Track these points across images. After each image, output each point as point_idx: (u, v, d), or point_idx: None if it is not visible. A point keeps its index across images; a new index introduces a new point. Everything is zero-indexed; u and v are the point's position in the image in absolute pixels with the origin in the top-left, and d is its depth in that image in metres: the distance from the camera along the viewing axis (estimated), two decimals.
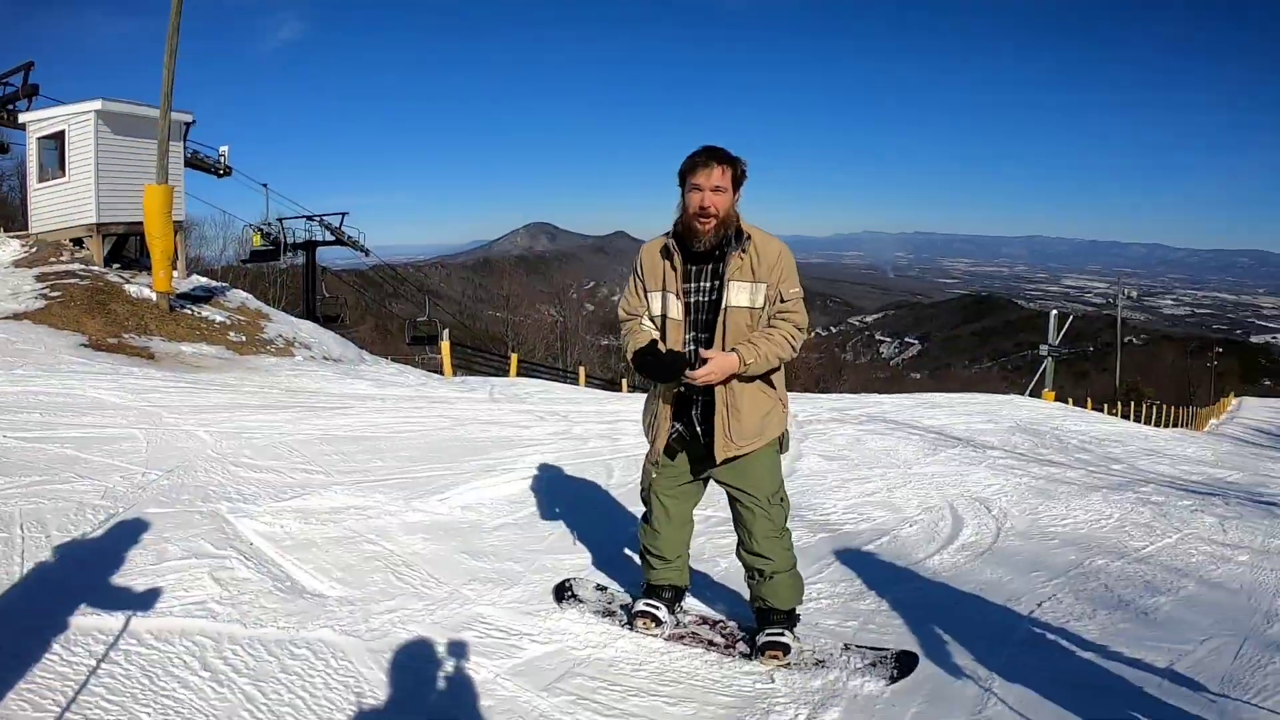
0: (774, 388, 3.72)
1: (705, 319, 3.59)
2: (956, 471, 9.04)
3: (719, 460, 3.63)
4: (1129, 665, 4.14)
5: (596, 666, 3.73)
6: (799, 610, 3.97)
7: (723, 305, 3.52)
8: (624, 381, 30.78)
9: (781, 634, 3.82)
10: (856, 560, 5.59)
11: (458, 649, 3.74)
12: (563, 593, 4.39)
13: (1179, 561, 6.13)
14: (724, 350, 3.50)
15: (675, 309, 3.60)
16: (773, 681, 3.69)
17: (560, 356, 52.14)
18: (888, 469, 8.88)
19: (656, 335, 3.66)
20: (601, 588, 4.50)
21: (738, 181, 3.51)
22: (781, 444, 3.82)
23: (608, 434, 9.11)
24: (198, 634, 3.55)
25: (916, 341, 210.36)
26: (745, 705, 3.50)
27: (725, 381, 3.53)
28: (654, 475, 3.85)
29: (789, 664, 3.78)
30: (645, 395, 3.96)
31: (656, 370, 3.56)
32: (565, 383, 24.23)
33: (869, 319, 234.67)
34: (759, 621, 3.90)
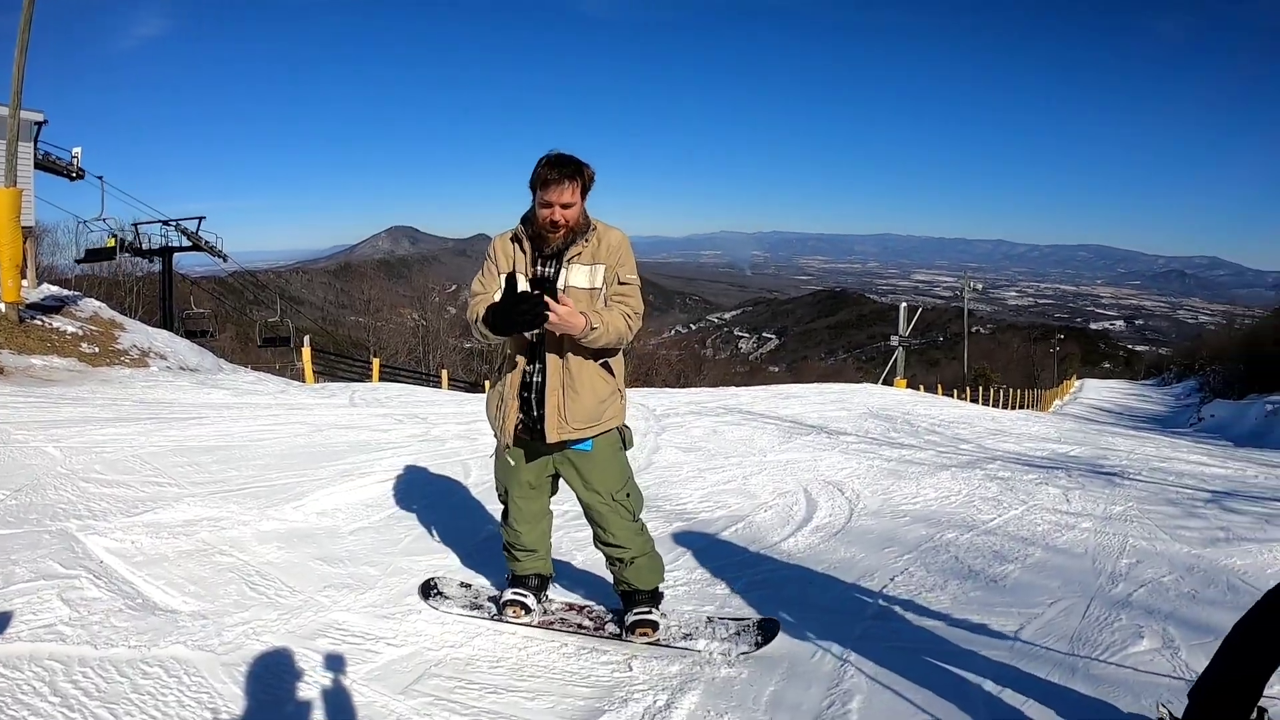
0: (613, 375, 3.75)
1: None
2: (811, 457, 9.21)
3: (550, 440, 3.63)
4: (981, 631, 4.26)
5: (454, 666, 3.65)
6: (662, 588, 4.06)
7: (561, 286, 3.55)
8: (486, 383, 30.39)
9: (649, 612, 3.92)
10: (712, 547, 5.62)
11: (313, 658, 3.57)
12: (428, 590, 4.37)
13: (1026, 531, 6.37)
14: (560, 340, 3.56)
15: (523, 288, 3.55)
16: (630, 670, 3.66)
17: (423, 360, 51.23)
18: (744, 458, 8.97)
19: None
20: (465, 584, 4.49)
21: (586, 189, 3.59)
22: (624, 440, 3.88)
23: (466, 434, 8.96)
24: (47, 658, 3.29)
25: (774, 336, 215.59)
26: (604, 695, 3.46)
27: (564, 356, 3.59)
28: (510, 464, 3.86)
29: (658, 640, 3.88)
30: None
31: (513, 310, 3.38)
32: (428, 386, 23.86)
33: (728, 315, 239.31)
34: (625, 603, 4.00)
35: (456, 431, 9.09)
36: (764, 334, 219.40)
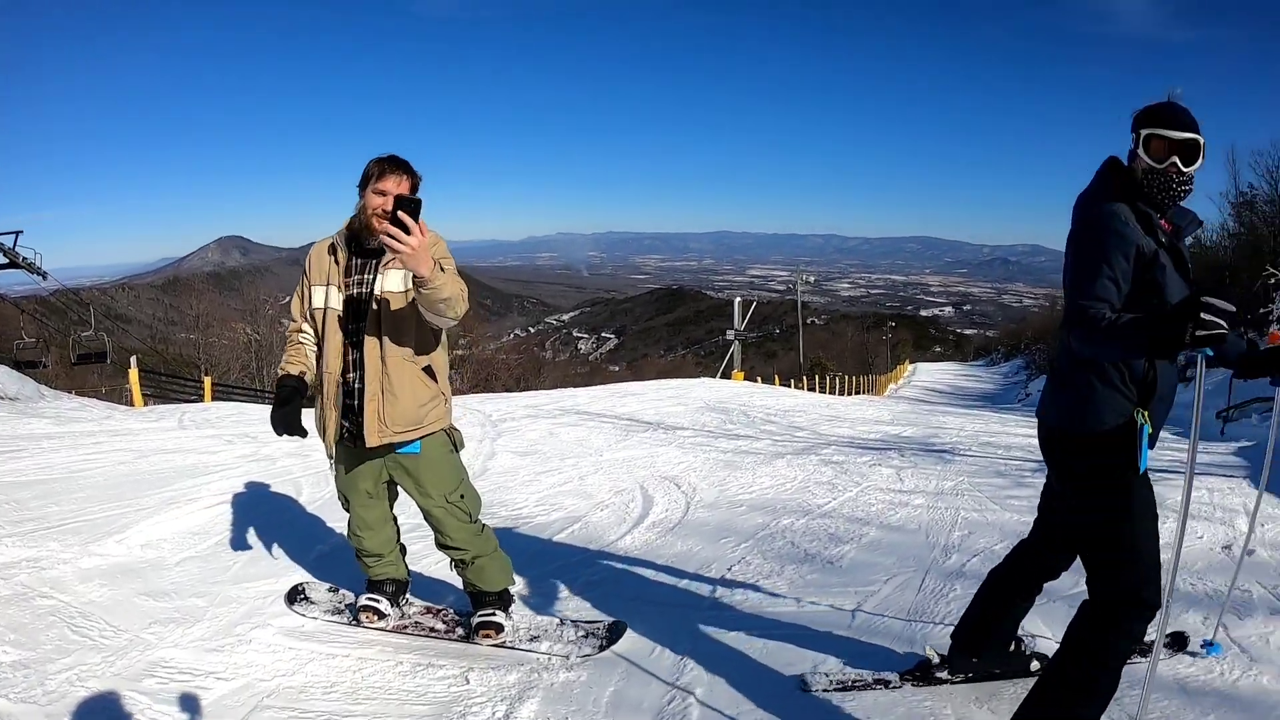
0: (435, 380, 3.80)
1: (364, 309, 3.65)
2: (647, 454, 9.23)
3: (370, 444, 3.65)
4: (819, 612, 4.35)
5: (286, 696, 3.51)
6: (512, 590, 4.15)
7: (376, 294, 3.61)
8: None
9: (493, 614, 4.00)
10: (549, 550, 5.57)
11: (140, 700, 3.37)
12: (294, 596, 4.40)
13: (860, 512, 6.55)
14: (379, 340, 3.62)
15: (336, 300, 3.70)
16: (468, 683, 3.60)
17: (257, 376, 49.28)
18: (580, 458, 8.92)
19: (306, 368, 3.83)
20: (333, 589, 4.51)
21: (414, 189, 3.64)
22: (454, 443, 3.94)
23: (298, 451, 8.58)
24: None
25: (613, 336, 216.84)
26: (441, 711, 3.40)
27: (385, 359, 3.64)
28: (343, 473, 3.92)
29: (504, 642, 3.94)
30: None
31: (276, 405, 3.71)
32: (262, 403, 23.04)
33: (566, 317, 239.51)
34: (473, 604, 4.07)
35: (288, 449, 8.73)
36: (603, 334, 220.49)
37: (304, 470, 7.52)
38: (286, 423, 3.67)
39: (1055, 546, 3.22)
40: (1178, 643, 3.88)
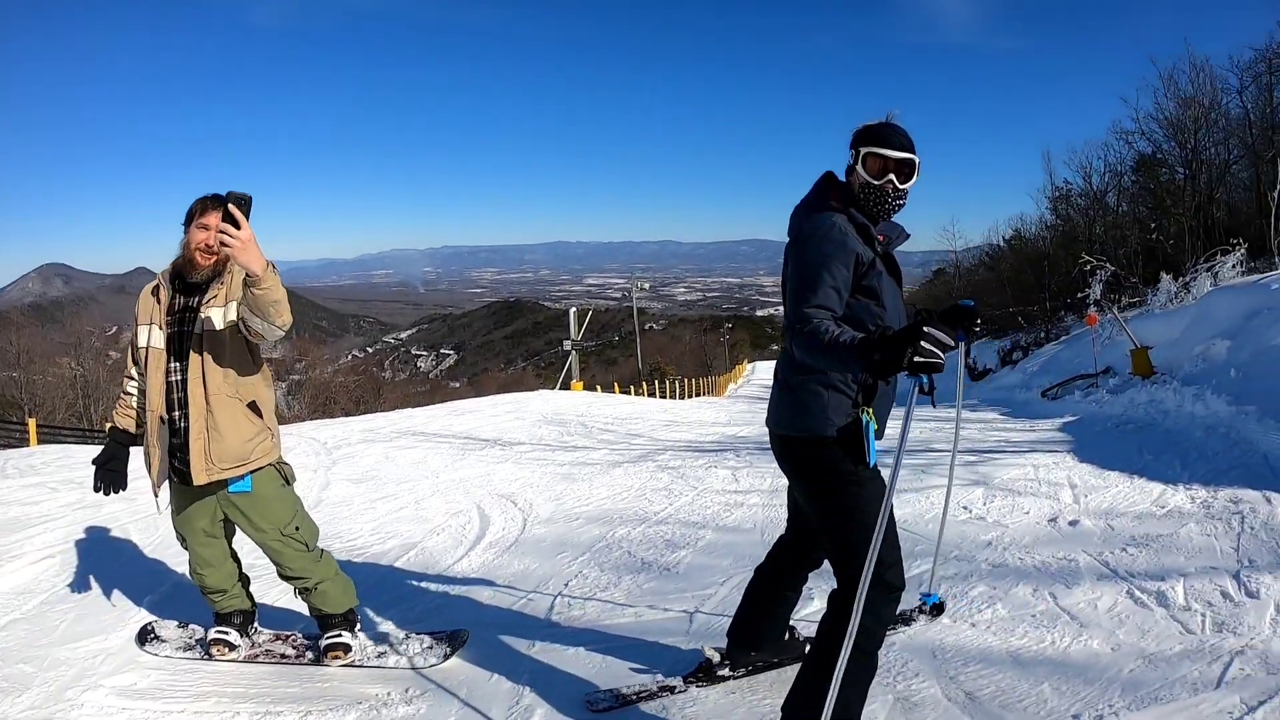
0: (260, 415, 3.85)
1: (186, 348, 3.70)
2: (484, 472, 9.14)
3: (197, 483, 3.70)
4: (658, 619, 4.40)
5: None
6: (355, 610, 4.21)
7: (197, 332, 3.66)
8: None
9: (339, 635, 4.06)
10: (385, 580, 5.43)
11: None
12: (145, 637, 4.36)
13: (696, 516, 6.63)
14: (203, 377, 3.67)
15: (158, 338, 3.74)
16: None
17: (84, 415, 46.37)
18: (417, 482, 8.75)
19: (131, 419, 3.98)
20: (182, 624, 4.46)
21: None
22: (284, 476, 4.00)
23: (125, 495, 8.08)
24: None
25: (452, 352, 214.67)
26: None
27: (207, 393, 3.69)
28: (177, 515, 3.97)
29: (353, 661, 4.03)
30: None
31: (100, 464, 3.89)
32: (91, 444, 21.72)
33: (404, 335, 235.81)
34: (320, 628, 4.12)
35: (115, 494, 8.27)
36: (442, 350, 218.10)
37: (132, 516, 7.11)
38: (108, 481, 3.89)
39: (807, 541, 3.38)
40: (934, 609, 4.20)
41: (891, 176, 2.86)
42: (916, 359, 2.31)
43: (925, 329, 2.31)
